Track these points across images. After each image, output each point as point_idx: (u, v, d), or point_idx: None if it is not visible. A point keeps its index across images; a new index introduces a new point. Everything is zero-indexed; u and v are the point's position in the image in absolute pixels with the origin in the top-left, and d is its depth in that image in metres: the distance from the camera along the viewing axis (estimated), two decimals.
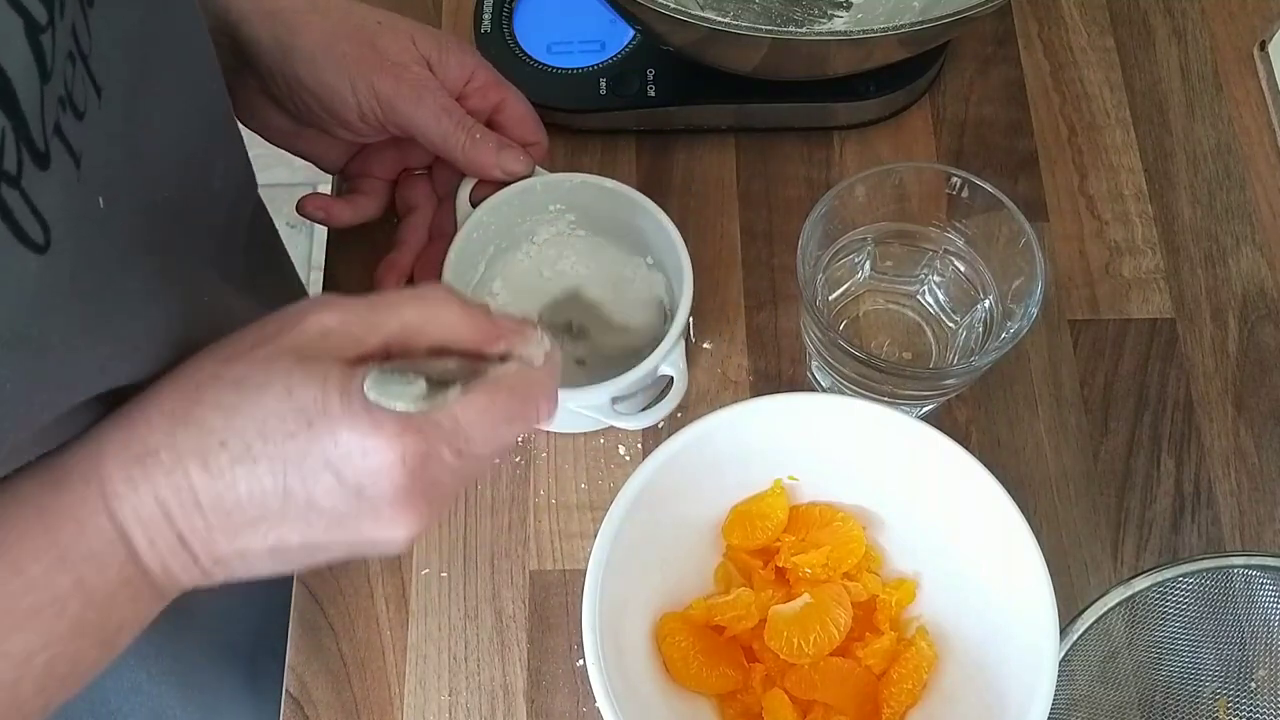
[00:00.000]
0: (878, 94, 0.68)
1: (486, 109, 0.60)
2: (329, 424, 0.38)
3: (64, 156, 0.34)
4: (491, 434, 0.41)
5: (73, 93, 0.34)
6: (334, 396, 0.38)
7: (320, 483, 0.38)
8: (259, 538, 0.39)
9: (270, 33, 0.55)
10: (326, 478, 0.38)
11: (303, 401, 0.38)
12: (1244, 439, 0.62)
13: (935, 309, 0.62)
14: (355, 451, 0.38)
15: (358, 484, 0.38)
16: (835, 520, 0.55)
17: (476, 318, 0.42)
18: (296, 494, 0.38)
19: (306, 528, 0.39)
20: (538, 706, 0.56)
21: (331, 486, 0.38)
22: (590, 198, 0.61)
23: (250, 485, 0.38)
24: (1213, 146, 0.70)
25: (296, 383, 0.38)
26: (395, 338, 0.41)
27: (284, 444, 0.38)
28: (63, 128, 0.34)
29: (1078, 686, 0.52)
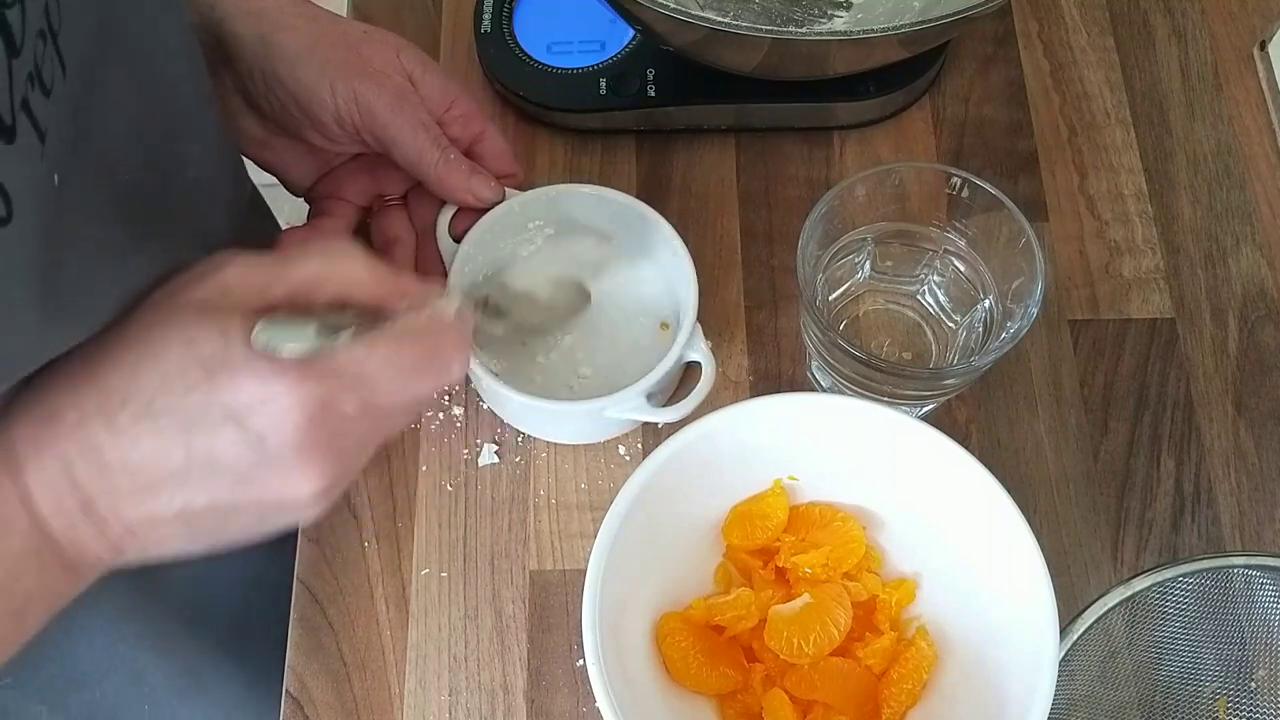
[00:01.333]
0: (878, 94, 0.68)
1: (466, 139, 0.59)
2: (229, 374, 0.38)
3: (29, 131, 0.34)
4: (397, 384, 0.41)
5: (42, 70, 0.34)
6: (235, 346, 0.38)
7: (222, 435, 0.38)
8: (165, 500, 0.39)
9: (254, 30, 0.55)
10: (228, 429, 0.38)
11: (203, 353, 0.38)
12: (1244, 439, 0.62)
13: (935, 309, 0.62)
14: (255, 399, 0.38)
15: (259, 433, 0.38)
16: (835, 520, 0.55)
17: (381, 272, 0.42)
18: (198, 449, 0.38)
19: (212, 486, 0.39)
20: (538, 706, 0.56)
21: (233, 438, 0.38)
22: (570, 206, 0.61)
23: (153, 441, 0.38)
24: (1213, 146, 0.70)
25: (197, 335, 0.38)
26: (299, 289, 0.41)
27: (185, 396, 0.38)
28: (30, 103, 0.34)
29: (1078, 686, 0.52)
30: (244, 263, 0.41)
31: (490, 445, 0.62)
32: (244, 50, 0.55)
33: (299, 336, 0.38)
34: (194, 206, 0.51)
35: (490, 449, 0.61)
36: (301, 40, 0.55)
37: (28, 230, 0.34)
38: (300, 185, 0.62)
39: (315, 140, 0.58)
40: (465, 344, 0.44)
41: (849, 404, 0.54)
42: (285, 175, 0.61)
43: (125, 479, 0.38)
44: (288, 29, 0.55)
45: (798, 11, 0.69)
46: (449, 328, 0.43)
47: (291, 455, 0.38)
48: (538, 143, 0.70)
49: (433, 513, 0.60)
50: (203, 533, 0.40)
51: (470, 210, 0.59)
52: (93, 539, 0.39)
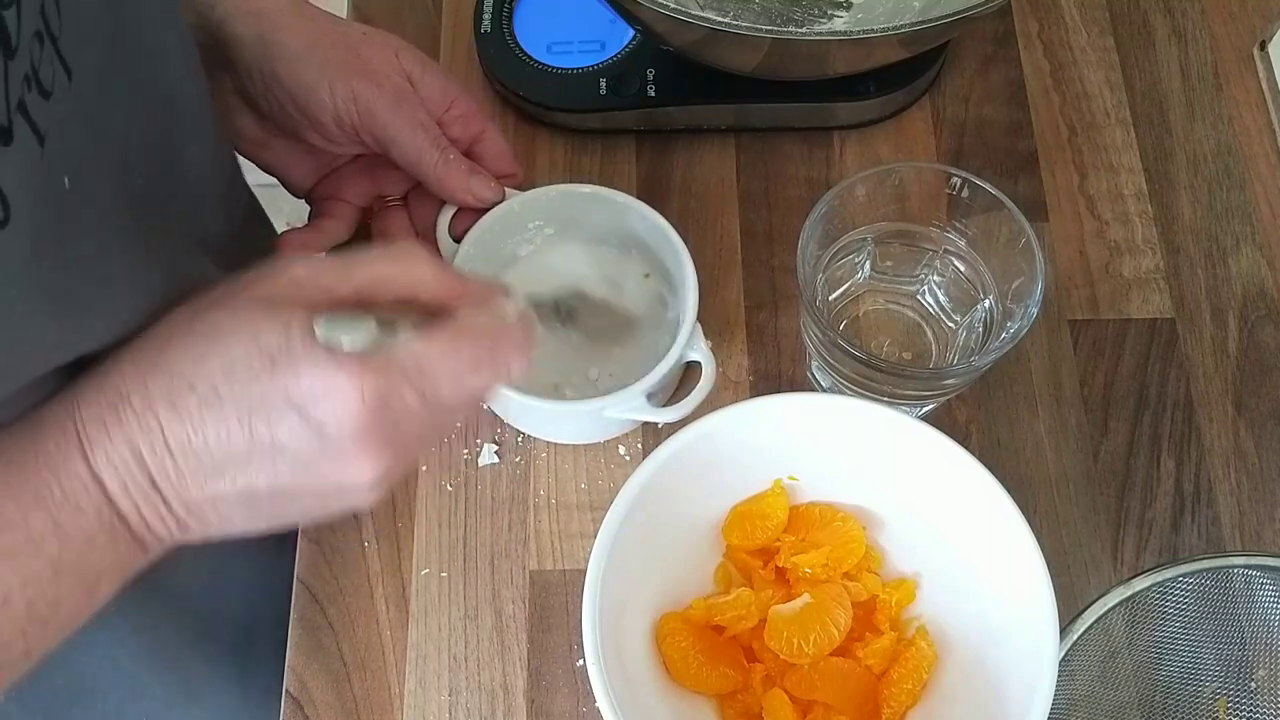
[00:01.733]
0: (878, 94, 0.68)
1: (466, 139, 0.59)
2: (291, 364, 0.39)
3: (27, 133, 0.34)
4: (456, 379, 0.42)
5: (39, 72, 0.35)
6: (297, 338, 0.39)
7: (284, 422, 0.39)
8: (228, 482, 0.40)
9: (253, 30, 0.55)
10: (290, 417, 0.39)
11: (267, 344, 0.39)
12: (1244, 439, 0.62)
13: (935, 309, 0.62)
14: (317, 389, 0.39)
15: (320, 422, 0.39)
16: (835, 520, 0.55)
17: (447, 273, 0.44)
18: (261, 435, 0.39)
19: (273, 470, 0.40)
20: (538, 706, 0.56)
21: (295, 426, 0.39)
22: (569, 206, 0.61)
23: (217, 428, 0.39)
24: (1213, 146, 0.70)
25: (262, 327, 0.39)
26: (365, 288, 0.42)
27: (249, 385, 0.39)
28: (27, 105, 0.34)
29: (1078, 686, 0.52)
30: (311, 262, 0.42)
31: (490, 445, 0.62)
32: (243, 50, 0.55)
33: (358, 329, 0.40)
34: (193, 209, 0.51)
35: (490, 449, 0.61)
36: (301, 40, 0.55)
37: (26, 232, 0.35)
38: (300, 186, 0.62)
39: (314, 141, 0.58)
40: (525, 344, 0.44)
41: (849, 404, 0.54)
42: (285, 176, 0.61)
43: (189, 461, 0.39)
44: (287, 29, 0.55)
45: (798, 11, 0.69)
46: (509, 327, 0.44)
47: (351, 444, 0.39)
48: (538, 143, 0.70)
49: (433, 513, 0.60)
50: (264, 513, 0.42)
51: (470, 210, 0.59)
52: (158, 517, 0.41)
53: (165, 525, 0.41)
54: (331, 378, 0.39)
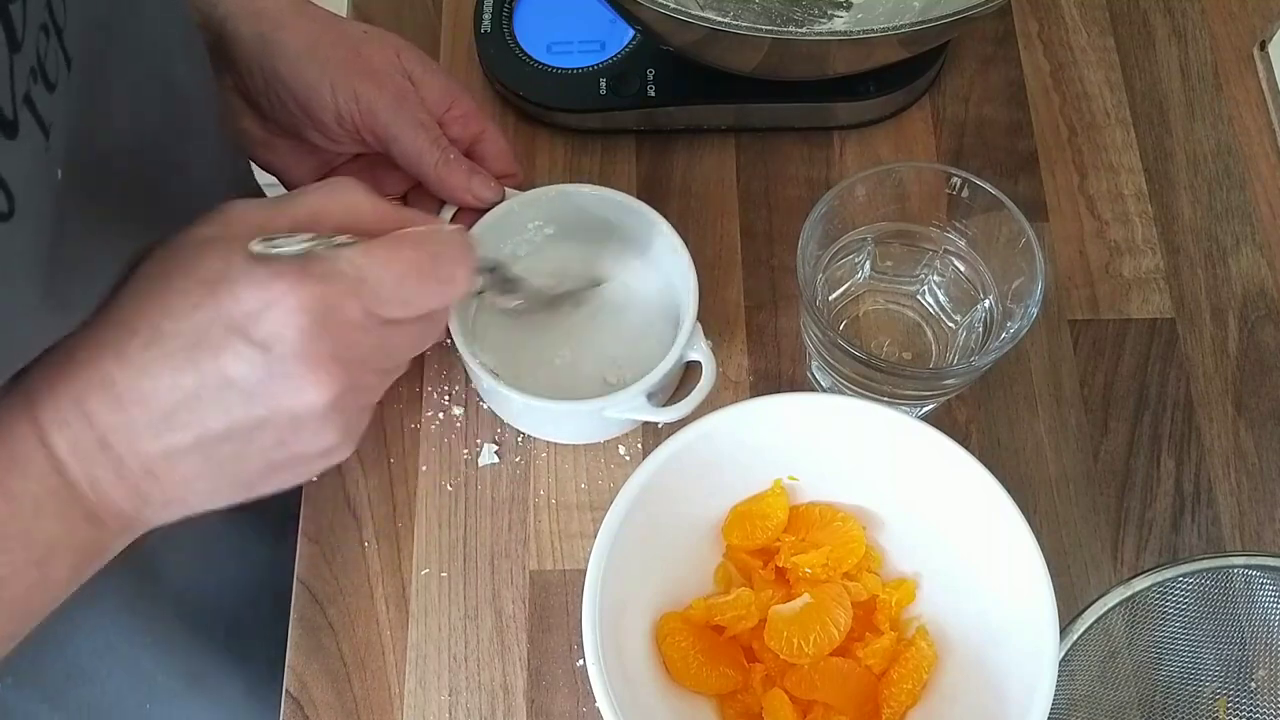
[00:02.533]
0: (878, 94, 0.68)
1: (466, 139, 0.59)
2: (230, 286, 0.38)
3: (33, 126, 0.34)
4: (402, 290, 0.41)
5: (45, 64, 0.35)
6: (237, 262, 0.38)
7: (228, 349, 0.38)
8: (180, 429, 0.39)
9: (254, 29, 0.55)
10: (233, 342, 0.38)
11: (205, 273, 0.39)
12: (1244, 439, 0.62)
13: (935, 309, 0.62)
14: (257, 304, 0.38)
15: (263, 340, 0.38)
16: (835, 520, 0.55)
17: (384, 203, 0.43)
18: (207, 369, 0.38)
19: (225, 407, 0.39)
20: (538, 706, 0.56)
21: (239, 350, 0.38)
22: (569, 206, 0.61)
23: (163, 366, 0.38)
24: (1213, 146, 0.70)
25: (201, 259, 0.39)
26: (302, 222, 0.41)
27: (190, 316, 0.38)
28: (33, 98, 0.34)
29: (1078, 686, 0.52)
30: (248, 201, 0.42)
31: (490, 445, 0.62)
32: (245, 49, 0.55)
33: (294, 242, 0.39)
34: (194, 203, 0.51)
35: (490, 449, 0.61)
36: (302, 39, 0.55)
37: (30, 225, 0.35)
38: (301, 185, 0.62)
39: (315, 140, 0.58)
40: (468, 254, 0.43)
41: (849, 404, 0.54)
42: (286, 175, 0.61)
43: (139, 410, 0.38)
44: (288, 28, 0.55)
45: (798, 11, 0.69)
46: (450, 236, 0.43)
47: (297, 362, 0.38)
48: (538, 143, 0.70)
49: (433, 513, 0.60)
50: (226, 463, 0.40)
51: (470, 210, 0.59)
52: (112, 483, 0.39)
53: (122, 492, 0.40)
54: (269, 290, 0.38)
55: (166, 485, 0.40)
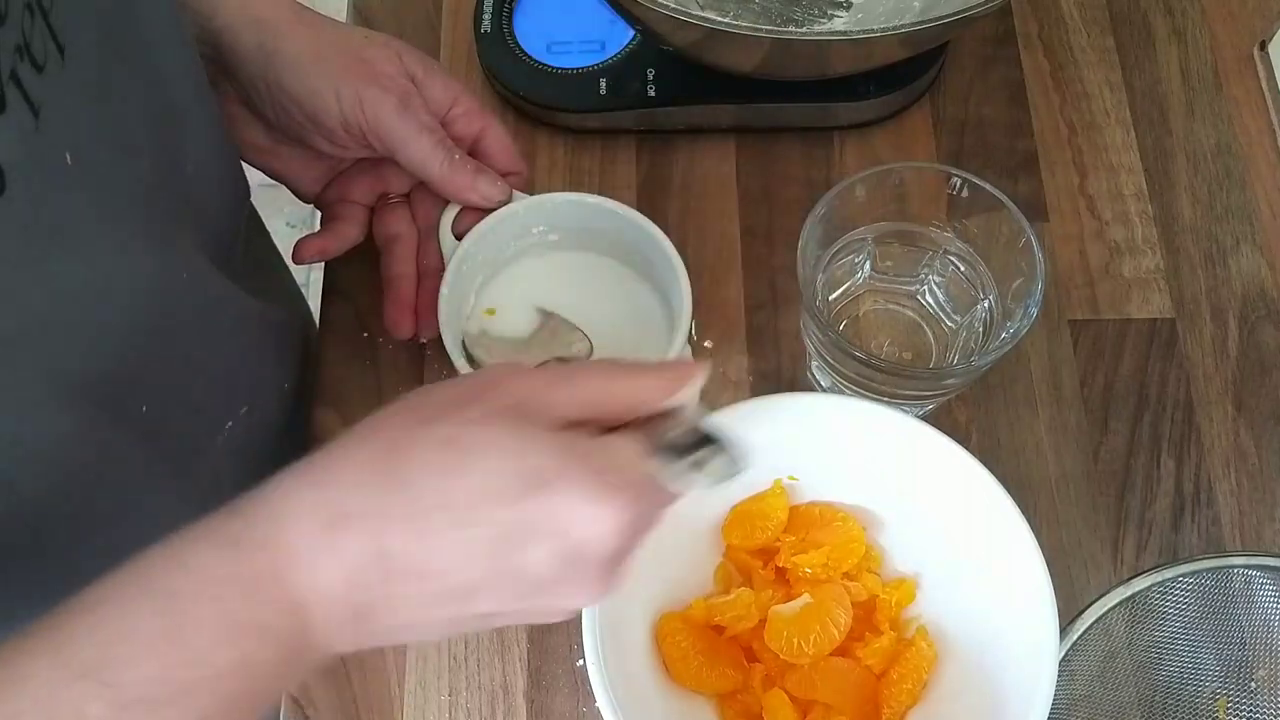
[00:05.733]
0: (878, 94, 0.68)
1: (469, 136, 0.59)
2: (565, 495, 0.36)
3: (20, 104, 0.34)
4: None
5: (31, 43, 0.34)
6: (572, 462, 0.37)
7: (537, 549, 0.37)
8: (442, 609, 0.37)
9: (255, 38, 0.55)
10: (547, 544, 0.37)
11: (536, 464, 0.36)
12: (1244, 439, 0.62)
13: (935, 309, 0.62)
14: (586, 517, 0.37)
15: (579, 547, 0.37)
16: (835, 520, 0.55)
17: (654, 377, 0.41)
18: (506, 564, 0.37)
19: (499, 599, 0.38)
20: (538, 706, 0.56)
21: (552, 550, 0.37)
22: (574, 214, 0.61)
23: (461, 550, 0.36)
24: (1213, 146, 0.70)
25: (526, 446, 0.37)
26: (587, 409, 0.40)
27: (509, 508, 0.36)
28: (20, 76, 0.34)
29: (1078, 686, 0.52)
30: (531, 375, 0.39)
31: None
32: (246, 59, 0.55)
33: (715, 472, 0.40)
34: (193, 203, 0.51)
35: None
36: (304, 47, 0.55)
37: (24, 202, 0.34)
38: (309, 192, 0.62)
39: (321, 146, 0.58)
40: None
41: (849, 404, 0.54)
42: (293, 183, 0.62)
43: (413, 585, 0.37)
44: (289, 37, 0.55)
45: (798, 11, 0.69)
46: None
47: (595, 570, 0.38)
48: (538, 143, 0.70)
49: None
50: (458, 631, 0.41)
51: (474, 210, 0.59)
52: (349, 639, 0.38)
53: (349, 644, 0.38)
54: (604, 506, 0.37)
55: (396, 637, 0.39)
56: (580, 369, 0.41)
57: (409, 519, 0.36)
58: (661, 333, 0.61)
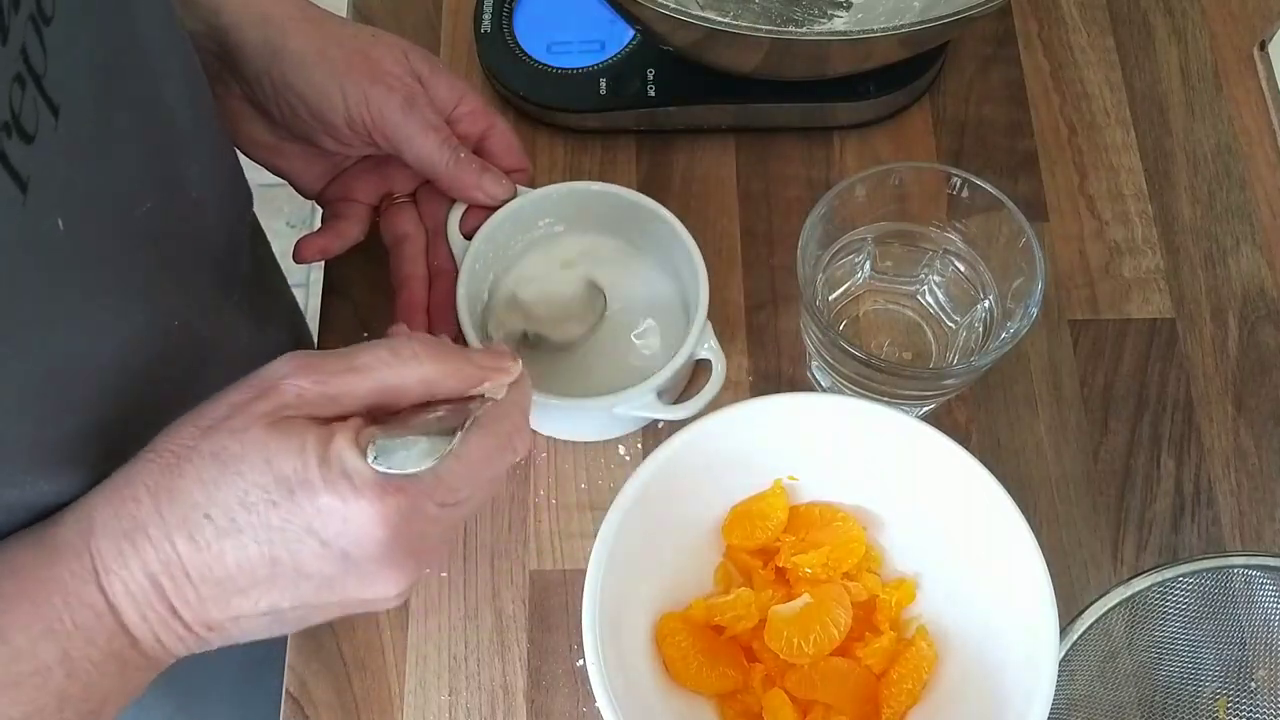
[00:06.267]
0: (878, 94, 0.68)
1: (475, 134, 0.59)
2: (309, 491, 0.38)
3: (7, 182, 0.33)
4: (475, 480, 0.42)
5: (20, 116, 0.34)
6: (312, 463, 0.38)
7: (305, 548, 0.39)
8: (250, 604, 0.40)
9: (261, 35, 0.55)
10: (311, 543, 0.39)
11: (282, 470, 0.38)
12: (1244, 439, 0.62)
13: (935, 309, 0.62)
14: (337, 517, 0.38)
15: (342, 549, 0.39)
16: (835, 520, 0.55)
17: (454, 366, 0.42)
18: (283, 561, 0.39)
19: (296, 592, 0.40)
20: (538, 706, 0.56)
21: (317, 551, 0.39)
22: (579, 203, 0.61)
23: (237, 556, 0.38)
24: (1213, 146, 0.70)
25: (274, 452, 0.38)
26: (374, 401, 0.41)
27: (267, 514, 0.38)
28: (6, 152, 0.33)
29: (1078, 686, 0.52)
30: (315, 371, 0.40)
31: None
32: (251, 56, 0.55)
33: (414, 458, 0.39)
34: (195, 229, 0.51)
35: None
36: (311, 45, 0.55)
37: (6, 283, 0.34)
38: (311, 189, 0.62)
39: (326, 144, 0.58)
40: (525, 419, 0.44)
41: (849, 404, 0.54)
42: (296, 180, 0.61)
43: (210, 588, 0.39)
44: (295, 34, 0.55)
45: (798, 11, 0.69)
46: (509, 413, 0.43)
47: (374, 566, 0.39)
48: (538, 143, 0.70)
49: None
50: (289, 624, 0.42)
51: (481, 208, 0.59)
52: (176, 639, 0.40)
53: (184, 644, 0.41)
54: (351, 505, 0.38)
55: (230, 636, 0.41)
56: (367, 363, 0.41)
57: (183, 528, 0.38)
58: (677, 311, 0.61)
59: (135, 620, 0.39)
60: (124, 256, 0.42)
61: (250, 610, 0.40)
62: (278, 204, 0.73)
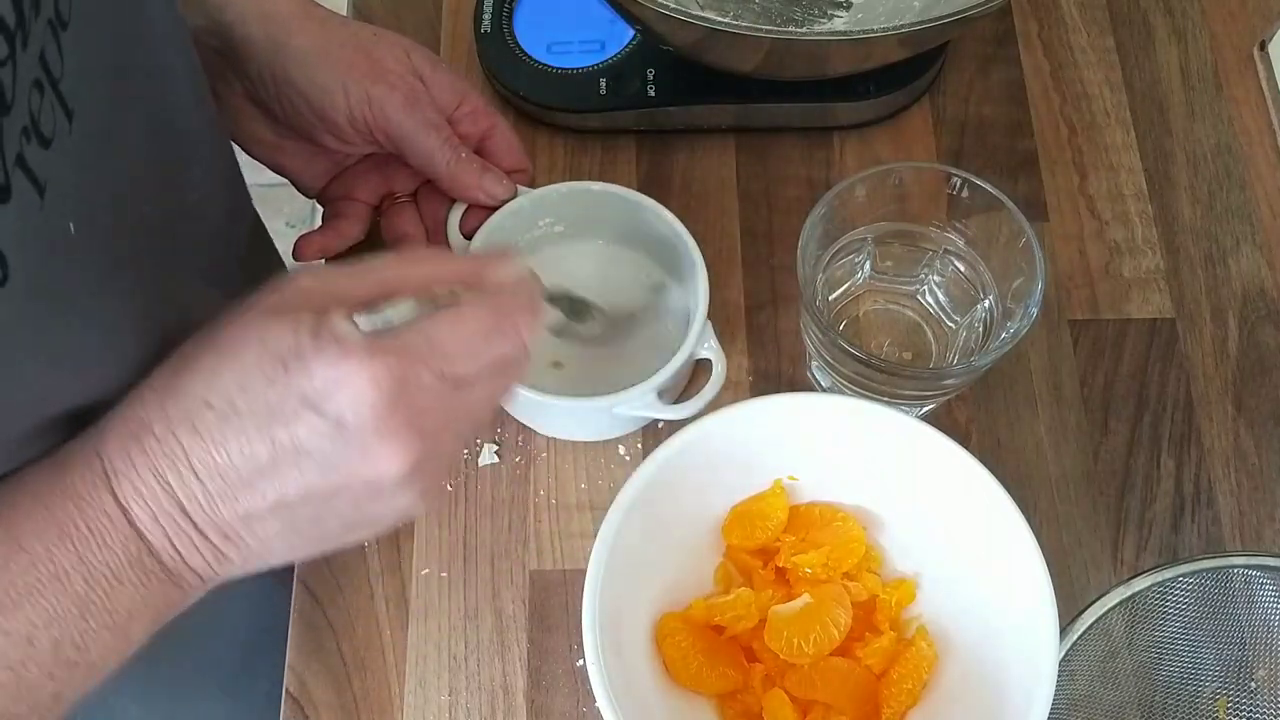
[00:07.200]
0: (878, 94, 0.68)
1: (476, 134, 0.60)
2: (302, 363, 0.38)
3: (26, 187, 0.33)
4: (470, 349, 0.41)
5: (39, 121, 0.34)
6: (305, 336, 0.38)
7: (302, 422, 0.38)
8: (258, 496, 0.39)
9: (264, 32, 0.55)
10: (307, 416, 0.38)
11: (277, 348, 0.38)
12: (1244, 439, 0.62)
13: (935, 309, 0.62)
14: (329, 381, 0.38)
15: (338, 415, 0.38)
16: (835, 520, 0.55)
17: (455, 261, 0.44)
18: (283, 440, 0.38)
19: (300, 476, 0.39)
20: (538, 706, 0.56)
21: (314, 424, 0.38)
22: (579, 204, 0.61)
23: (239, 441, 0.38)
24: (1213, 146, 0.70)
25: (269, 333, 0.39)
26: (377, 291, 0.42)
27: (264, 392, 0.38)
28: (25, 158, 0.33)
29: (1078, 686, 0.52)
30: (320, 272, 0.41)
31: (490, 445, 0.62)
32: (255, 54, 0.55)
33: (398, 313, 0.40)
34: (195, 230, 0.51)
35: (490, 449, 0.61)
36: (314, 43, 0.55)
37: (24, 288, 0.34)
38: (312, 187, 0.62)
39: (328, 142, 0.58)
40: (531, 302, 0.44)
41: (849, 404, 0.54)
42: (297, 178, 0.62)
43: (216, 482, 0.39)
44: (298, 32, 0.55)
45: (798, 11, 0.69)
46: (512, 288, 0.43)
47: (372, 434, 0.38)
48: (538, 143, 0.70)
49: (433, 513, 0.60)
50: (303, 530, 0.41)
51: (481, 208, 0.59)
52: (192, 548, 0.40)
53: (201, 556, 0.40)
54: (340, 367, 0.38)
55: (245, 547, 0.40)
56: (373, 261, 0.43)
57: (186, 420, 0.38)
58: (677, 311, 0.61)
59: (148, 523, 0.39)
60: (127, 256, 0.42)
61: (259, 507, 0.39)
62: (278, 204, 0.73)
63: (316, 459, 0.39)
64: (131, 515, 0.39)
